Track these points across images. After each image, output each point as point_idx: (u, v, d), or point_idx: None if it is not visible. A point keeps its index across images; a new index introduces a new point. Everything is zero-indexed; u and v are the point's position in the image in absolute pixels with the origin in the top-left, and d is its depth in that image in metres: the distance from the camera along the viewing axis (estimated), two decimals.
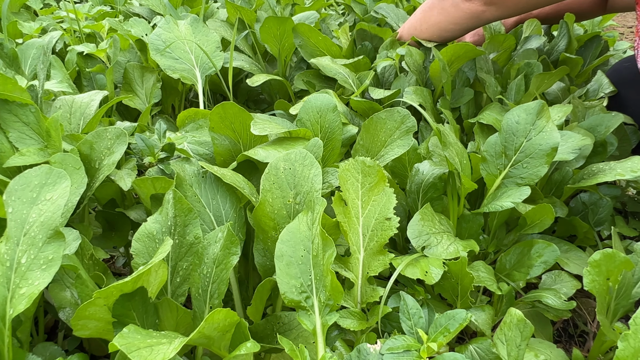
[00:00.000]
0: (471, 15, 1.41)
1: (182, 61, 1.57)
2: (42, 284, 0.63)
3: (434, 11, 1.49)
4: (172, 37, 1.57)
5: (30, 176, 0.68)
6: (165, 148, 1.01)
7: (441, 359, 0.71)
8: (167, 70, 1.52)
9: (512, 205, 0.99)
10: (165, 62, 1.53)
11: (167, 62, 1.54)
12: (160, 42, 1.56)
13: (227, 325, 0.65)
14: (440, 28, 1.50)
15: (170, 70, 1.52)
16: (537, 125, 1.03)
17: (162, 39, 1.56)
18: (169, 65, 1.54)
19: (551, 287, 1.09)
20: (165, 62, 1.53)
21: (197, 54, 1.61)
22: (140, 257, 0.83)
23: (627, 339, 0.74)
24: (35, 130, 1.00)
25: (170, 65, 1.54)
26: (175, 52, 1.57)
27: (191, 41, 1.59)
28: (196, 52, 1.61)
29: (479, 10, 1.38)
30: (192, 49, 1.61)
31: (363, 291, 0.88)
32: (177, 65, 1.55)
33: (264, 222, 0.82)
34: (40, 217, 0.65)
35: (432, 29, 1.53)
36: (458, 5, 1.41)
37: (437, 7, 1.48)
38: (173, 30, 1.59)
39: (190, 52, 1.60)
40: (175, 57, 1.56)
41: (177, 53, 1.57)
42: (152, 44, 1.54)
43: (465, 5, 1.40)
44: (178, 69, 1.54)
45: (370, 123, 1.08)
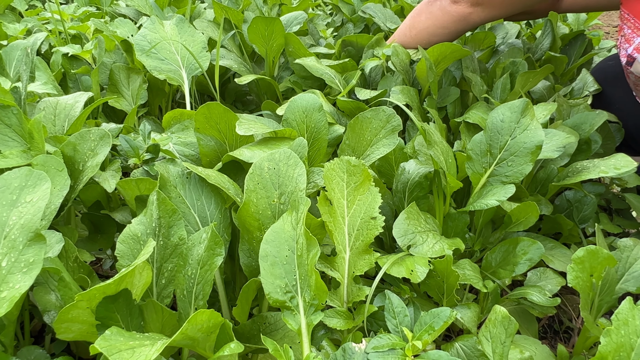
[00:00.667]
0: (459, 18, 1.41)
1: (168, 62, 1.57)
2: (23, 287, 0.63)
3: (422, 16, 1.50)
4: (158, 37, 1.56)
5: (9, 178, 0.67)
6: (150, 149, 1.00)
7: (426, 357, 0.71)
8: (153, 71, 1.51)
9: (497, 203, 1.00)
10: (151, 63, 1.53)
11: (153, 62, 1.53)
12: (145, 42, 1.55)
13: (211, 327, 0.65)
14: (429, 33, 1.50)
15: (157, 71, 1.52)
16: (522, 123, 1.04)
17: (147, 40, 1.55)
18: (155, 66, 1.53)
19: (536, 284, 1.09)
20: (151, 63, 1.53)
21: (183, 54, 1.60)
22: (125, 259, 0.82)
23: (609, 334, 0.75)
24: (17, 132, 1.00)
25: (156, 66, 1.53)
26: (161, 52, 1.56)
27: (177, 41, 1.58)
28: (182, 53, 1.60)
29: (466, 12, 1.38)
30: (178, 49, 1.60)
31: (349, 290, 0.88)
32: (163, 66, 1.54)
33: (248, 222, 0.82)
34: (21, 220, 0.65)
35: (421, 34, 1.53)
36: (445, 9, 1.42)
37: (425, 12, 1.48)
38: (159, 31, 1.58)
39: (176, 52, 1.60)
40: (161, 57, 1.56)
41: (163, 54, 1.56)
42: (137, 45, 1.53)
43: (453, 8, 1.40)
44: (164, 69, 1.53)
45: (356, 122, 1.08)
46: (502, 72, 1.50)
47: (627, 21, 1.14)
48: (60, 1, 2.91)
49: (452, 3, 1.40)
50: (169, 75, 1.53)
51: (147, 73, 1.63)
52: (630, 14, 1.13)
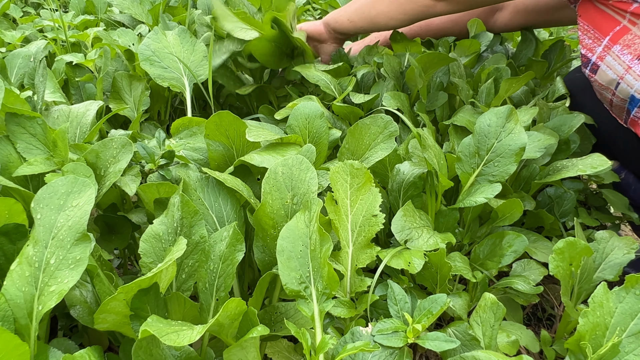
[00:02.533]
0: (422, 7, 1.45)
1: (170, 70, 1.64)
2: (71, 281, 0.71)
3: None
4: (161, 47, 1.64)
5: (56, 185, 0.75)
6: (165, 155, 1.08)
7: (425, 338, 0.80)
8: (157, 79, 1.59)
9: (485, 200, 1.09)
10: (154, 71, 1.60)
11: (157, 71, 1.61)
12: (149, 52, 1.62)
13: (237, 314, 0.73)
14: (389, 17, 1.54)
15: (160, 79, 1.59)
16: (507, 127, 1.13)
17: (151, 49, 1.63)
18: (159, 74, 1.60)
19: (521, 274, 1.19)
20: (154, 71, 1.60)
21: (185, 63, 1.68)
22: (148, 256, 0.90)
23: (586, 315, 0.85)
24: (41, 141, 1.07)
25: (160, 74, 1.60)
26: (164, 61, 1.63)
27: (179, 51, 1.66)
28: (184, 61, 1.68)
29: (431, 4, 1.42)
30: (180, 58, 1.68)
31: (352, 282, 0.97)
32: (166, 74, 1.62)
33: (264, 221, 0.90)
34: (68, 222, 0.73)
35: (381, 15, 1.55)
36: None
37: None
38: (161, 41, 1.66)
39: (178, 61, 1.67)
40: (164, 66, 1.63)
41: (166, 62, 1.63)
42: (141, 54, 1.60)
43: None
44: (167, 77, 1.61)
45: (355, 128, 1.17)
46: (486, 78, 1.60)
47: (587, 32, 1.22)
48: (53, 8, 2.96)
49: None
50: (171, 83, 1.61)
51: (150, 80, 1.70)
52: (590, 25, 1.21)
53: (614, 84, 1.23)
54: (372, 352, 0.77)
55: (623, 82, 1.19)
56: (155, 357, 0.77)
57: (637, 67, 1.15)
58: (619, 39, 1.17)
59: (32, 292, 0.74)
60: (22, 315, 0.74)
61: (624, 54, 1.17)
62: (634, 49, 1.15)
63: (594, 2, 1.19)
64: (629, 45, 1.16)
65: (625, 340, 0.84)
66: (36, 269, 0.74)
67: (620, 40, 1.17)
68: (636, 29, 1.13)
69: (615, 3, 1.13)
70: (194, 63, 1.68)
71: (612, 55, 1.19)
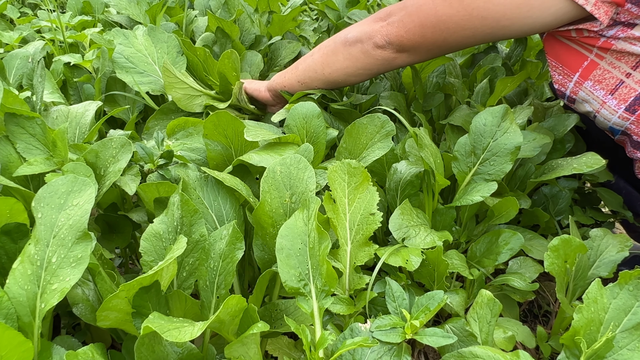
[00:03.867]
0: (383, 62, 1.34)
1: (147, 74, 1.59)
2: (72, 279, 0.72)
3: (338, 56, 1.40)
4: (134, 51, 1.59)
5: (57, 185, 0.76)
6: (164, 155, 1.09)
7: (423, 334, 0.81)
8: (135, 86, 1.55)
9: (481, 199, 1.11)
10: (131, 78, 1.56)
11: (134, 77, 1.56)
12: (123, 59, 1.57)
13: (238, 311, 0.74)
14: (347, 73, 1.41)
15: (139, 85, 1.55)
16: (502, 126, 1.15)
17: (124, 56, 1.57)
18: (137, 80, 1.56)
19: (517, 272, 1.21)
20: (131, 78, 1.56)
21: (160, 63, 1.62)
22: (148, 255, 0.91)
23: (581, 311, 0.86)
24: (41, 141, 1.08)
25: (137, 80, 1.56)
26: (139, 65, 1.58)
27: (152, 52, 1.62)
28: (159, 61, 1.62)
29: (391, 57, 1.31)
30: (155, 59, 1.62)
31: (351, 279, 0.98)
32: (143, 78, 1.57)
33: (263, 219, 0.91)
34: (69, 221, 0.73)
35: (337, 73, 1.43)
36: (368, 52, 1.33)
37: (343, 53, 1.38)
38: (133, 44, 1.60)
39: (154, 62, 1.62)
40: (140, 70, 1.58)
41: (141, 66, 1.58)
42: (116, 63, 1.55)
43: (377, 52, 1.32)
44: (144, 82, 1.57)
45: (352, 128, 1.18)
46: (482, 78, 1.61)
47: (556, 68, 1.19)
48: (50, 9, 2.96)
49: (376, 47, 1.31)
50: (151, 87, 1.56)
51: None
52: (557, 62, 1.18)
53: (591, 115, 1.22)
54: (371, 348, 0.78)
55: (599, 116, 1.18)
56: (157, 353, 0.78)
57: (611, 102, 1.13)
58: (589, 75, 1.15)
59: (34, 290, 0.75)
60: (25, 313, 0.74)
61: (596, 89, 1.15)
62: (606, 84, 1.13)
63: (558, 38, 1.16)
64: (599, 81, 1.14)
65: (619, 335, 0.85)
66: (38, 267, 0.74)
67: (590, 76, 1.15)
68: (604, 63, 1.11)
69: (583, 39, 1.10)
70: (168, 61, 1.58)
71: (585, 90, 1.17)
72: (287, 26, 2.27)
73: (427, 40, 1.22)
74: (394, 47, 1.28)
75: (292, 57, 2.14)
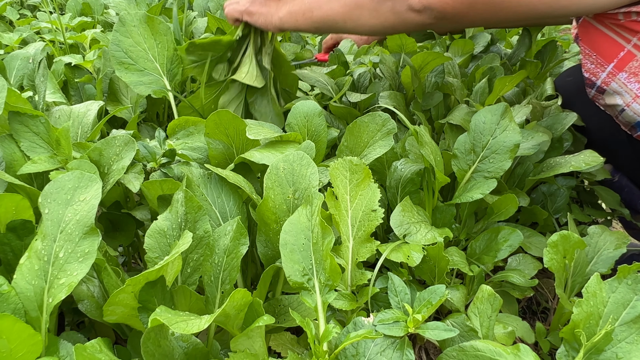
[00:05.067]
0: (414, 26, 1.24)
1: (148, 72, 1.47)
2: (80, 274, 0.73)
3: (363, 11, 1.27)
4: (132, 43, 1.44)
5: (63, 181, 0.77)
6: (167, 154, 1.10)
7: (425, 328, 0.83)
8: (136, 87, 1.43)
9: (481, 196, 1.12)
10: (131, 77, 1.44)
11: (134, 77, 1.44)
12: (121, 52, 1.43)
13: (243, 305, 0.75)
14: (371, 30, 1.30)
15: (140, 86, 1.44)
16: (501, 125, 1.16)
17: (122, 48, 1.43)
18: (137, 80, 1.44)
19: (516, 268, 1.22)
20: (131, 77, 1.44)
21: (161, 59, 1.50)
22: (153, 251, 0.92)
23: (580, 305, 0.87)
24: (45, 140, 1.08)
25: (138, 80, 1.44)
26: (139, 62, 1.46)
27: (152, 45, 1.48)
28: (160, 58, 1.50)
29: (426, 23, 1.20)
30: (155, 55, 1.49)
31: (353, 275, 0.99)
32: (144, 78, 1.45)
33: (267, 216, 0.92)
34: (76, 216, 0.74)
35: (360, 29, 1.32)
36: (400, 14, 1.21)
37: (369, 8, 1.25)
38: (132, 34, 1.45)
39: (154, 59, 1.49)
40: (140, 68, 1.46)
41: (141, 63, 1.46)
42: (113, 57, 1.42)
43: (411, 15, 1.20)
44: (146, 82, 1.45)
45: (354, 126, 1.20)
46: (481, 77, 1.63)
47: (589, 56, 1.16)
48: (50, 10, 2.97)
49: (411, 10, 1.18)
50: (153, 90, 1.45)
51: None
52: (591, 50, 1.15)
53: (619, 108, 1.19)
54: (374, 341, 0.79)
55: (629, 110, 1.15)
56: (163, 348, 0.79)
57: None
58: (625, 66, 1.11)
59: (41, 285, 0.76)
60: (33, 307, 0.75)
61: (630, 82, 1.12)
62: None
63: (595, 24, 1.12)
64: (635, 74, 1.10)
65: (618, 328, 0.86)
66: (45, 262, 0.75)
67: (625, 67, 1.11)
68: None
69: (627, 22, 1.05)
70: (169, 59, 1.49)
71: (618, 82, 1.13)
72: None
73: (476, 12, 1.10)
74: (433, 13, 1.15)
75: (291, 58, 2.15)
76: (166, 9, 2.55)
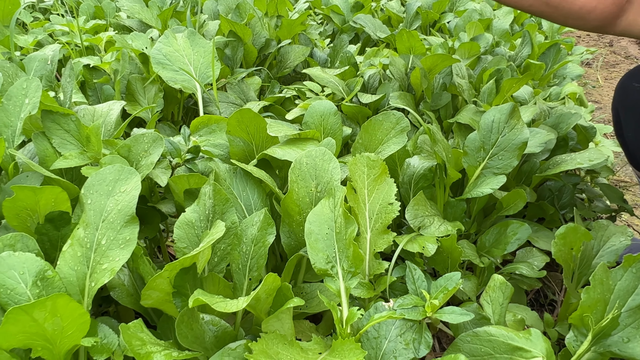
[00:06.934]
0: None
1: (182, 72, 1.69)
2: (122, 259, 0.78)
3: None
4: (172, 50, 1.70)
5: (104, 174, 0.82)
6: (192, 150, 1.15)
7: (442, 312, 0.88)
8: (169, 81, 1.65)
9: (491, 190, 1.17)
10: (166, 74, 1.66)
11: (169, 74, 1.67)
12: (161, 56, 1.69)
13: (272, 289, 0.80)
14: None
15: (172, 82, 1.66)
16: (510, 123, 1.21)
17: (162, 53, 1.69)
18: (171, 77, 1.67)
19: (525, 261, 1.27)
20: (166, 74, 1.66)
21: (195, 64, 1.74)
22: (181, 241, 0.97)
23: (588, 291, 0.92)
24: (75, 137, 1.14)
25: (172, 77, 1.67)
26: (175, 64, 1.69)
27: (190, 53, 1.73)
28: (194, 63, 1.74)
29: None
30: (190, 60, 1.74)
31: (370, 265, 1.04)
32: (177, 76, 1.68)
33: (291, 208, 0.98)
34: (117, 206, 0.80)
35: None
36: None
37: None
38: (172, 44, 1.72)
39: (189, 63, 1.73)
40: (176, 69, 1.69)
41: (177, 65, 1.69)
42: (154, 59, 1.67)
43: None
44: (179, 80, 1.68)
45: (369, 124, 1.25)
46: (488, 78, 1.68)
47: None
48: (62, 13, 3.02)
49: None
50: (183, 85, 1.67)
51: (163, 83, 1.76)
52: None
53: None
54: (395, 324, 0.84)
55: None
56: (195, 331, 0.84)
57: None
58: None
59: (84, 270, 0.81)
60: (75, 292, 0.80)
61: None
62: None
63: None
64: None
65: (624, 314, 0.91)
66: (88, 249, 0.80)
67: None
68: None
69: None
70: (203, 65, 1.73)
71: None
72: (295, 30, 2.33)
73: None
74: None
75: (300, 60, 2.21)
76: (177, 12, 2.60)
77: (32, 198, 0.88)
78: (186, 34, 1.78)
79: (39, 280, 0.77)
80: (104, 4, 2.72)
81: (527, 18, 2.85)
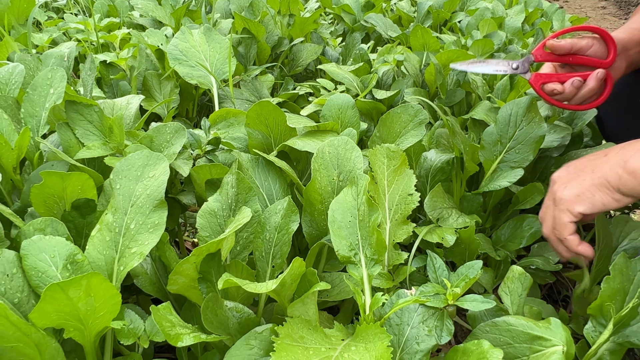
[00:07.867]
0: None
1: (198, 68, 1.72)
2: (151, 243, 0.79)
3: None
4: (188, 46, 1.73)
5: (133, 159, 0.84)
6: (212, 142, 1.17)
7: (464, 300, 0.88)
8: (186, 77, 1.68)
9: (508, 184, 1.18)
10: (183, 70, 1.69)
11: (185, 70, 1.70)
12: (177, 51, 1.71)
13: (298, 274, 0.82)
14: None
15: (188, 77, 1.69)
16: (528, 117, 1.22)
17: (179, 49, 1.72)
18: (187, 72, 1.70)
19: (540, 255, 1.28)
20: (183, 70, 1.69)
21: (211, 60, 1.77)
22: (204, 230, 0.98)
23: (608, 281, 0.93)
24: (97, 128, 1.15)
25: (188, 72, 1.70)
26: (191, 60, 1.72)
27: (205, 49, 1.75)
28: (210, 59, 1.77)
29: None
30: (207, 56, 1.76)
31: (390, 256, 1.05)
32: (193, 72, 1.71)
33: (313, 196, 0.99)
34: (146, 191, 0.81)
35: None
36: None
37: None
38: (188, 40, 1.75)
39: (205, 59, 1.76)
40: (192, 64, 1.72)
41: (193, 61, 1.72)
42: (170, 54, 1.70)
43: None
44: (195, 75, 1.70)
45: (387, 117, 1.26)
46: (502, 75, 1.69)
47: None
48: (75, 12, 3.05)
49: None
50: (199, 81, 1.70)
51: (179, 79, 1.78)
52: None
53: None
54: (417, 311, 0.85)
55: None
56: (219, 317, 0.85)
57: None
58: None
59: (112, 255, 0.82)
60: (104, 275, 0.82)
61: None
62: None
63: None
64: None
65: None
66: (116, 234, 0.82)
67: None
68: None
69: None
70: (219, 61, 1.76)
71: None
72: (307, 28, 2.35)
73: None
74: None
75: (313, 59, 2.22)
76: (189, 11, 2.62)
77: (60, 184, 0.90)
78: (202, 30, 1.81)
79: (69, 263, 0.78)
80: (117, 3, 2.75)
81: (537, 18, 2.86)
